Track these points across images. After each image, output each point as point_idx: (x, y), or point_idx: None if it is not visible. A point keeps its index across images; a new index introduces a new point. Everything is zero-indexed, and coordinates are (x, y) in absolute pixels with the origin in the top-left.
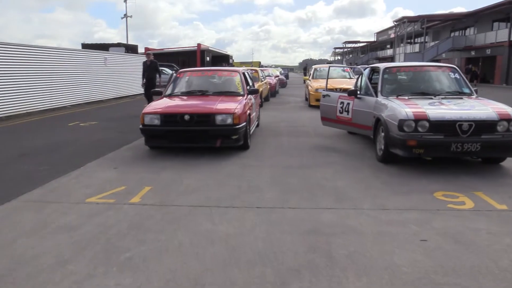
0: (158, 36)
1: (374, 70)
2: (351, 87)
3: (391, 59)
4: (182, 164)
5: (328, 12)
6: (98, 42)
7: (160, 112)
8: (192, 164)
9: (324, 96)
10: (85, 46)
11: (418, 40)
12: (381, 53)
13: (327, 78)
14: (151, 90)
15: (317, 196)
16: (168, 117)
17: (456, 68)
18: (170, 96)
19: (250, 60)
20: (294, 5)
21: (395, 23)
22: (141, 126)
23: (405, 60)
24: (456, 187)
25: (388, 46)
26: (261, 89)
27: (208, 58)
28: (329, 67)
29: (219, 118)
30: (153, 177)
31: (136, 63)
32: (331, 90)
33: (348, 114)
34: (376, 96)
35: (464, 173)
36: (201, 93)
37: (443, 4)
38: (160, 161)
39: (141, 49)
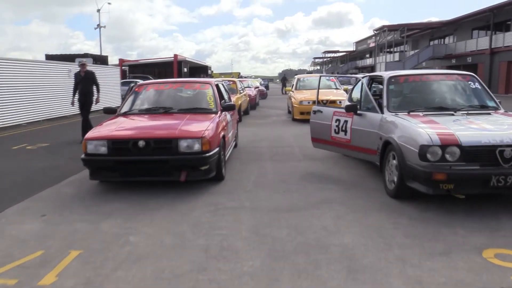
0: (137, 48)
1: (374, 80)
2: (339, 98)
3: (371, 68)
4: (135, 206)
5: (307, 23)
6: (64, 53)
7: (107, 137)
8: (147, 207)
9: (315, 112)
10: (49, 57)
11: (397, 49)
12: (360, 63)
13: (318, 90)
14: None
15: (319, 264)
16: (117, 144)
17: (475, 76)
18: (126, 115)
19: (230, 71)
20: (273, 16)
21: (375, 32)
22: (83, 155)
23: (386, 69)
24: (507, 240)
25: (367, 55)
26: (239, 102)
27: (185, 69)
28: (320, 76)
29: (183, 144)
30: (89, 232)
31: (106, 75)
32: (318, 103)
33: (345, 134)
34: (382, 112)
35: (504, 213)
36: (164, 111)
37: (417, 14)
38: (106, 202)
39: (116, 61)
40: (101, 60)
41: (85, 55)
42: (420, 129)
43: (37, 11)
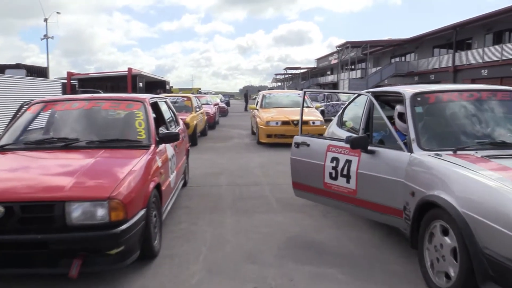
0: (95, 61)
1: (381, 98)
2: (312, 118)
3: (333, 85)
4: None
5: (268, 40)
6: None
7: None
8: None
9: (297, 145)
10: None
11: (358, 66)
12: (322, 79)
13: (302, 110)
14: None
15: None
16: None
17: None
18: (3, 150)
19: (190, 87)
20: (234, 33)
21: (338, 48)
22: None
23: (349, 86)
24: None
25: (329, 72)
26: (194, 123)
27: (141, 84)
28: (304, 92)
29: (75, 212)
30: None
31: (43, 90)
32: (286, 122)
33: (348, 181)
34: (409, 150)
35: None
36: (64, 145)
37: (373, 35)
38: None
39: (56, 74)
40: (38, 72)
41: (17, 66)
42: (508, 188)
43: None
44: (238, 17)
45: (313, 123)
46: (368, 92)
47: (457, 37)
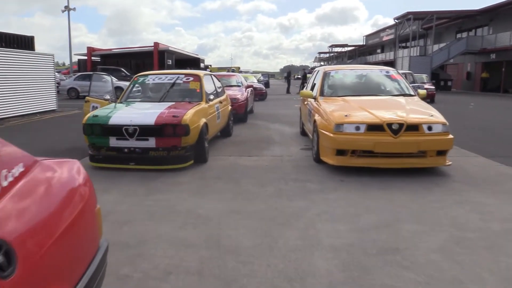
0: (139, 41)
1: None
2: (423, 118)
3: (386, 64)
4: None
5: (310, 19)
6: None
7: None
8: None
9: None
10: None
11: (414, 43)
12: (371, 58)
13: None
14: None
15: None
16: None
17: None
18: None
19: (230, 66)
20: (277, 11)
21: (396, 20)
22: None
23: (410, 65)
24: None
25: (379, 50)
26: (201, 122)
27: (169, 61)
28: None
29: None
30: None
31: (24, 65)
32: (376, 127)
33: None
34: None
35: None
36: None
37: (422, 10)
38: None
39: (78, 50)
40: (18, 42)
41: None
42: None
43: (40, 3)
44: None
45: (429, 129)
46: None
47: None
